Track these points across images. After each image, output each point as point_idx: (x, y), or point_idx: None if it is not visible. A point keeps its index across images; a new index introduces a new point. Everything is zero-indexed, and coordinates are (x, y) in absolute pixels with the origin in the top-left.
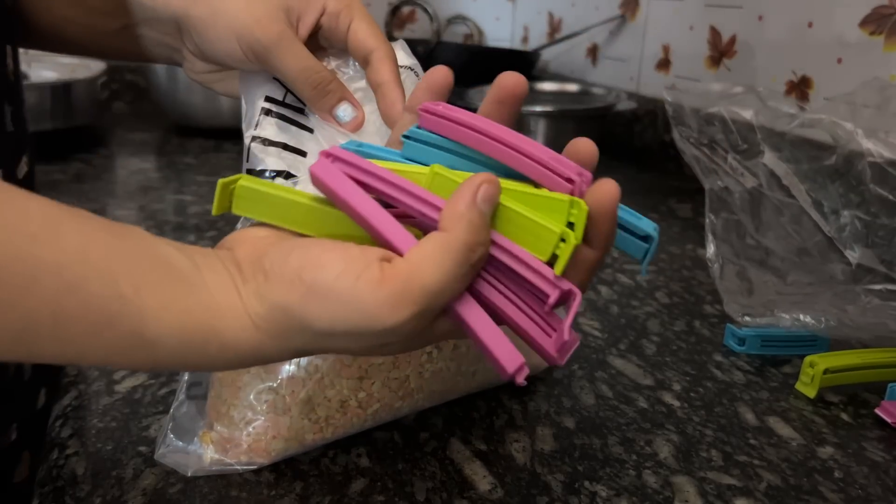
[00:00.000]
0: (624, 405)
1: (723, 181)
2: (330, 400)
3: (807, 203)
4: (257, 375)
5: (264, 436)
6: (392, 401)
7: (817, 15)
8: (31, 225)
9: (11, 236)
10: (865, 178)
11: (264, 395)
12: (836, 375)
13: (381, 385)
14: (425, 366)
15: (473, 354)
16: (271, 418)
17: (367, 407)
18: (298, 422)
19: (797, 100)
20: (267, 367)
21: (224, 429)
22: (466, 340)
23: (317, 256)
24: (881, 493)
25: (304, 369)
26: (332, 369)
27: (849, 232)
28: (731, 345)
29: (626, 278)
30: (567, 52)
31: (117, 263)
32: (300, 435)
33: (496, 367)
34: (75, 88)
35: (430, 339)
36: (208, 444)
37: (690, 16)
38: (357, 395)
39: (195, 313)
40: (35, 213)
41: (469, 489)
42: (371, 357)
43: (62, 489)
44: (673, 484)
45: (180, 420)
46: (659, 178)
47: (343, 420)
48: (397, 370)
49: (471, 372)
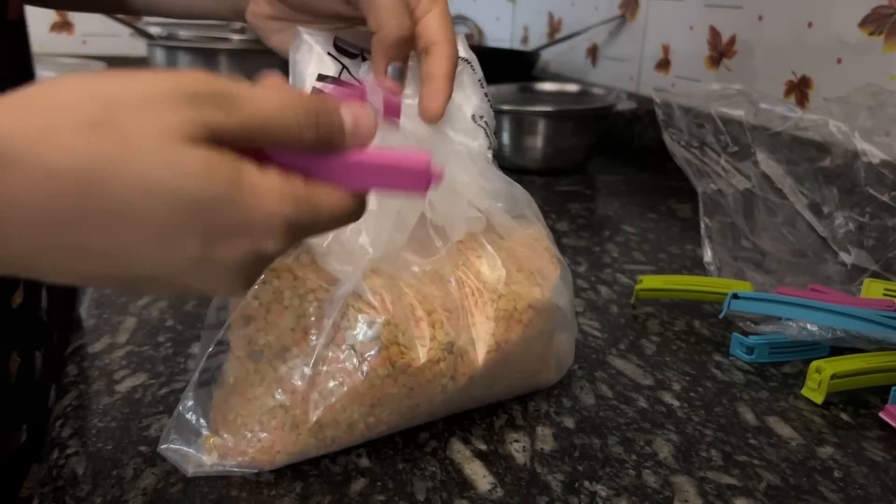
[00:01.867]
0: (624, 405)
1: (715, 184)
2: (339, 423)
3: (801, 204)
4: (269, 390)
5: (270, 450)
6: (399, 422)
7: (817, 15)
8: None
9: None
10: (860, 179)
11: (275, 413)
12: (843, 381)
13: (392, 411)
14: (438, 395)
15: (487, 381)
16: (279, 435)
17: (374, 428)
18: (305, 440)
19: (796, 100)
20: (282, 384)
21: (229, 437)
22: (482, 371)
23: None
24: (881, 493)
25: (318, 392)
26: (346, 395)
27: (843, 233)
28: (740, 354)
29: (626, 278)
30: (567, 53)
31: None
32: (305, 451)
33: (412, 179)
34: None
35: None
36: (211, 449)
37: (690, 16)
38: (367, 420)
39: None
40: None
41: (469, 489)
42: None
43: (62, 489)
44: (673, 484)
45: (186, 417)
46: (659, 178)
47: (349, 439)
48: (410, 399)
49: (480, 395)
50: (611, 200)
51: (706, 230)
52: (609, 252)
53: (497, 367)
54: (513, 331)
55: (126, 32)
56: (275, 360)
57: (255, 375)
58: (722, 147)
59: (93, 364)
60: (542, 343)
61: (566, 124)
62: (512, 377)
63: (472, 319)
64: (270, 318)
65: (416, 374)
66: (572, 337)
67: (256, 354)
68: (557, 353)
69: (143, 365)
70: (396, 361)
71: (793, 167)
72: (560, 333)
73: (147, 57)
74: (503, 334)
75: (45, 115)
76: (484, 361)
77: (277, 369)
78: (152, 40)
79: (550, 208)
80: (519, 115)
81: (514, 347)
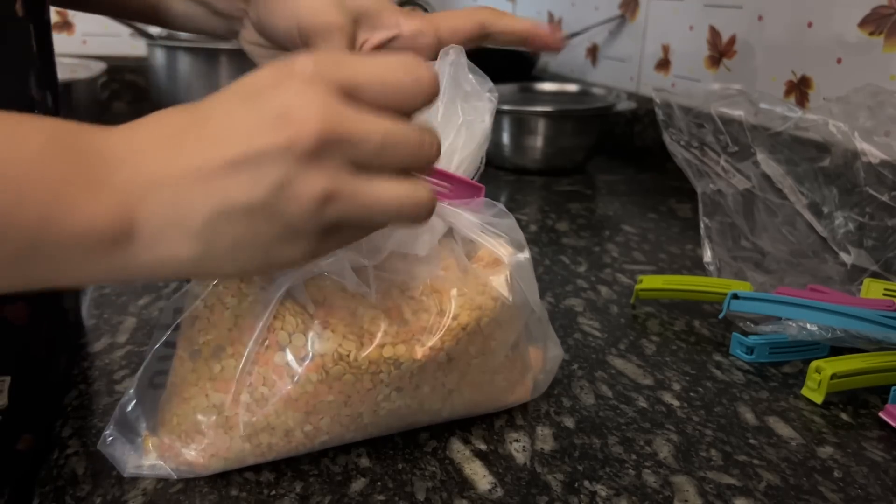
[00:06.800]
0: (624, 405)
1: (715, 184)
2: (274, 429)
3: (801, 204)
4: (203, 389)
5: (204, 453)
6: (342, 433)
7: (817, 15)
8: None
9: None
10: (860, 179)
11: (209, 413)
12: (842, 381)
13: (331, 420)
14: (381, 404)
15: (440, 394)
16: (213, 436)
17: (315, 437)
18: (240, 444)
19: (796, 100)
20: (215, 384)
21: (167, 437)
22: (431, 381)
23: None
24: (881, 493)
25: (250, 394)
26: (279, 400)
27: (843, 233)
28: (740, 354)
29: (626, 278)
30: (567, 52)
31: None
32: (241, 457)
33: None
34: (75, 88)
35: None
36: (150, 450)
37: (690, 16)
38: (303, 428)
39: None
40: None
41: (469, 489)
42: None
43: (62, 489)
44: (672, 483)
45: (127, 416)
46: (659, 178)
47: (288, 447)
48: (349, 408)
49: (435, 410)
50: (611, 200)
51: (706, 230)
52: (609, 252)
53: (444, 372)
54: (461, 333)
55: (126, 32)
56: (211, 360)
57: (192, 374)
58: (722, 147)
59: (93, 364)
60: (504, 352)
61: (566, 124)
62: (471, 389)
63: (414, 323)
64: (213, 318)
65: (353, 382)
66: (555, 355)
67: (195, 353)
68: (532, 369)
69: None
70: (330, 368)
71: (793, 167)
72: (531, 344)
73: (147, 57)
74: (450, 337)
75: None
76: (425, 359)
77: (212, 368)
78: (152, 40)
79: (550, 208)
80: (519, 115)
81: (462, 349)
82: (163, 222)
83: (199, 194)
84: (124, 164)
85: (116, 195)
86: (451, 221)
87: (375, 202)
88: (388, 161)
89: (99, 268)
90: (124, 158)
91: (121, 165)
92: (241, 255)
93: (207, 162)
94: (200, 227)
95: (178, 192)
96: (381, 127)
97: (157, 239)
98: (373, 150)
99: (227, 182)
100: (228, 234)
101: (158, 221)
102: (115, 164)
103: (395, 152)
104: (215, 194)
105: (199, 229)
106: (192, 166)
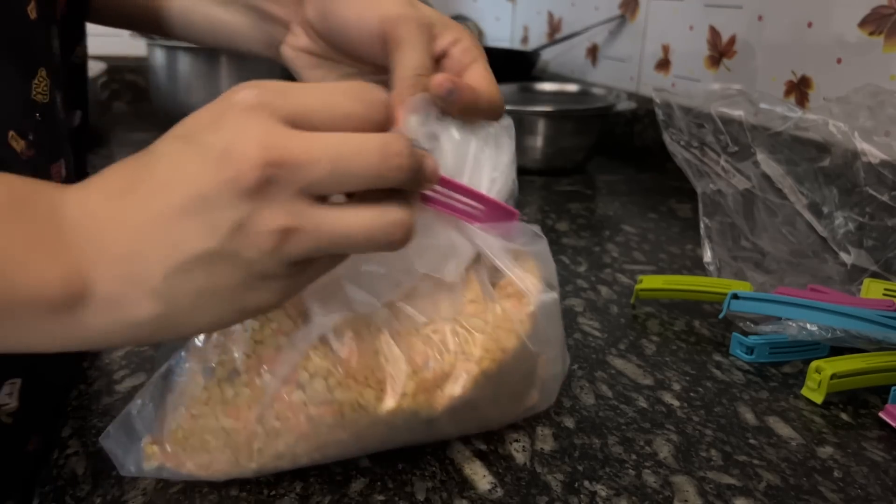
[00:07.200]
0: (624, 405)
1: (715, 184)
2: (283, 456)
3: (801, 204)
4: (213, 411)
5: (208, 467)
6: (349, 454)
7: (817, 15)
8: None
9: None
10: (860, 179)
11: (218, 436)
12: (842, 381)
13: (341, 451)
14: (393, 440)
15: (451, 427)
16: (218, 455)
17: (319, 461)
18: (246, 464)
19: (796, 100)
20: (227, 409)
21: (169, 448)
22: (444, 419)
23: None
24: (881, 493)
25: (262, 426)
26: (291, 435)
27: (843, 233)
28: (740, 354)
29: (626, 278)
30: (567, 52)
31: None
32: (244, 473)
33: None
34: None
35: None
36: (150, 457)
37: (690, 16)
38: (311, 455)
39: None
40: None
41: (469, 489)
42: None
43: (62, 489)
44: (672, 483)
45: (133, 418)
46: (659, 178)
47: (291, 467)
48: (361, 442)
49: (446, 433)
50: (611, 200)
51: (706, 230)
52: (609, 252)
53: (458, 412)
54: (481, 378)
55: (126, 32)
56: (224, 382)
57: (204, 393)
58: (722, 147)
59: (93, 364)
60: (516, 387)
61: (566, 124)
62: (481, 417)
63: (437, 368)
64: (231, 337)
65: (369, 426)
66: (560, 373)
67: (208, 371)
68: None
69: (143, 365)
70: (347, 414)
71: (793, 167)
72: (540, 370)
73: (147, 57)
74: (471, 385)
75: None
76: (443, 409)
77: (225, 392)
78: (152, 40)
79: (550, 208)
80: (519, 115)
81: (479, 393)
82: (118, 283)
83: (153, 248)
84: (78, 225)
85: (70, 259)
86: (480, 245)
87: (339, 231)
88: (347, 182)
89: (55, 333)
90: (78, 219)
91: (74, 227)
92: (207, 307)
93: (158, 212)
94: (159, 283)
95: (131, 249)
96: (329, 146)
97: (113, 301)
98: (324, 173)
99: (180, 231)
100: (189, 287)
101: (114, 283)
102: (67, 226)
103: (351, 171)
104: (169, 246)
105: (156, 286)
106: (143, 219)
